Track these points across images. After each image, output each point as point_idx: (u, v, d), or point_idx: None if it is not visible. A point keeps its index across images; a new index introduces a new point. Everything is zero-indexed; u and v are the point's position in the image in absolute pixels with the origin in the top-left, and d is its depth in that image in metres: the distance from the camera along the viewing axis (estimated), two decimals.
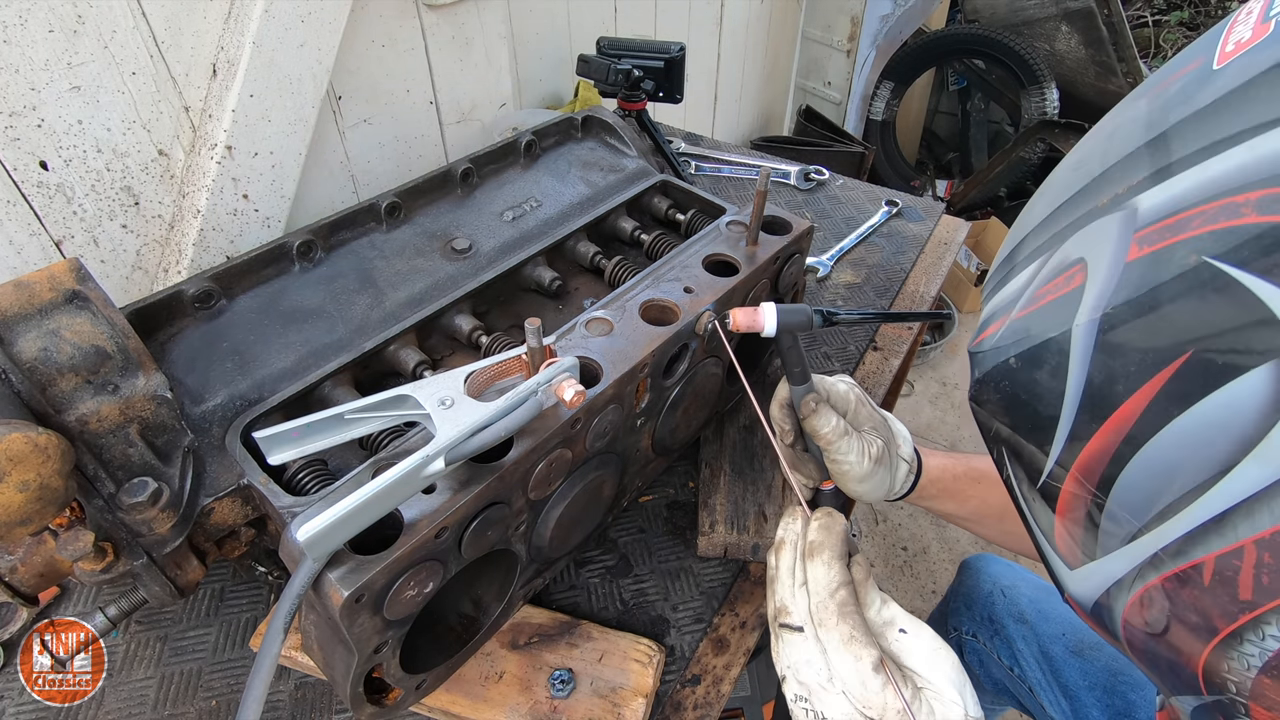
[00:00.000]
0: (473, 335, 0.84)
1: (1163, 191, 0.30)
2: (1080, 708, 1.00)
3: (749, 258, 0.82)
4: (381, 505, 0.52)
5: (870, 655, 0.49)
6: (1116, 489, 0.32)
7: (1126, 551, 0.32)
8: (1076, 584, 0.37)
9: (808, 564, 0.54)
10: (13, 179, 0.87)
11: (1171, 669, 0.33)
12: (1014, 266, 0.40)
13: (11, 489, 0.50)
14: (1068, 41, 3.19)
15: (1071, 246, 0.35)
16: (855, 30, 2.86)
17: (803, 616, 0.52)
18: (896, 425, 0.75)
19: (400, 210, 0.92)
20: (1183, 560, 0.30)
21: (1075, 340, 0.32)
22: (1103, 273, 0.32)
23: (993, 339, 0.39)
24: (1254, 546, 0.27)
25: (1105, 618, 0.36)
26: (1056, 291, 0.35)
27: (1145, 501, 0.31)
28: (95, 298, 0.63)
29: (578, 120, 1.11)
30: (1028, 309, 0.36)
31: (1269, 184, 0.26)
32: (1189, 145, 0.30)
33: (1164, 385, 0.29)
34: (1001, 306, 0.39)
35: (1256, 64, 0.29)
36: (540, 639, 0.76)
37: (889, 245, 1.38)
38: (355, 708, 0.63)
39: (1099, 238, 0.33)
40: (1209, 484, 0.28)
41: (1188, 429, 0.29)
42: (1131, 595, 0.33)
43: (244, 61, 0.99)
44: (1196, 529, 0.29)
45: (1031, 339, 0.35)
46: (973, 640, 1.18)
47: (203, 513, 0.65)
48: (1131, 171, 0.33)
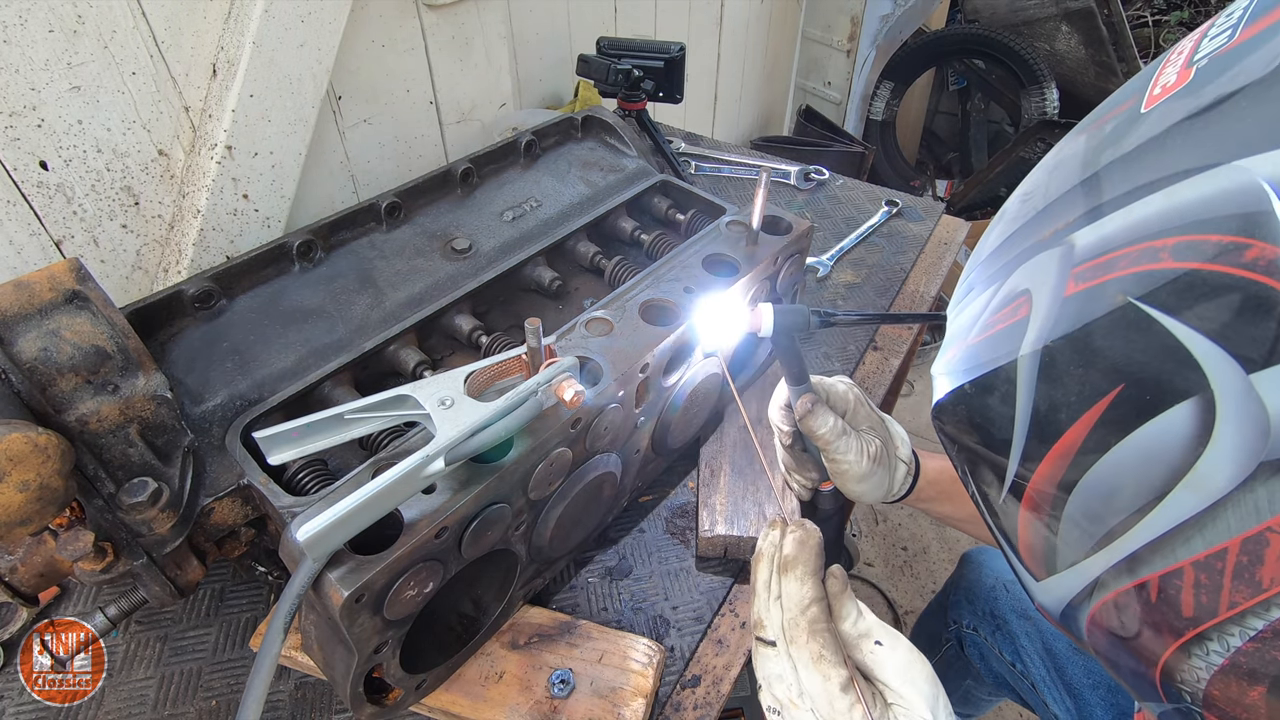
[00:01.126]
0: (473, 335, 0.84)
1: (1095, 231, 0.32)
2: (1084, 705, 1.00)
3: (749, 258, 0.82)
4: (381, 505, 0.52)
5: (839, 675, 0.50)
6: (1068, 509, 0.33)
7: (1081, 568, 0.34)
8: (1043, 594, 0.38)
9: (782, 578, 0.54)
10: (13, 179, 0.87)
11: (1134, 676, 0.35)
12: (970, 291, 0.42)
13: (11, 489, 0.50)
14: (1068, 41, 3.19)
15: (1018, 278, 0.37)
16: (855, 30, 2.86)
17: (775, 631, 0.53)
18: (895, 427, 0.75)
19: (400, 210, 0.92)
20: (1130, 578, 0.32)
21: (1021, 370, 0.34)
22: (1044, 306, 0.34)
23: (950, 363, 0.41)
24: (1191, 568, 0.29)
25: (1072, 627, 0.37)
26: (1005, 321, 0.36)
27: (1094, 522, 0.32)
28: (95, 298, 0.63)
29: (578, 120, 1.11)
30: (980, 336, 0.38)
31: (1183, 231, 0.28)
32: (1117, 187, 0.32)
33: (1101, 415, 0.31)
34: (959, 331, 0.41)
35: (1176, 112, 0.31)
36: (540, 639, 0.76)
37: (889, 245, 1.38)
38: (355, 708, 0.63)
39: (1041, 271, 0.35)
40: (1148, 508, 0.30)
41: (1125, 457, 0.30)
42: (1091, 608, 0.35)
43: (244, 61, 0.99)
44: (1141, 549, 0.31)
45: (983, 366, 0.37)
46: (973, 634, 1.18)
47: (203, 513, 0.65)
48: (1069, 209, 0.35)
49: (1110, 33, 3.06)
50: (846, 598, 0.54)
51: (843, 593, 0.54)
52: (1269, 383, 0.26)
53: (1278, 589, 0.27)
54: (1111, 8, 3.04)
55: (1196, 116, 0.30)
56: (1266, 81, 0.27)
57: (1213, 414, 0.27)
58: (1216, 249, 0.27)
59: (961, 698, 1.31)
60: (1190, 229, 0.28)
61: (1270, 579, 0.27)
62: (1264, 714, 0.30)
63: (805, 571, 0.54)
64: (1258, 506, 0.27)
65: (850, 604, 0.54)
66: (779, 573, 0.55)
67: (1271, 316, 0.25)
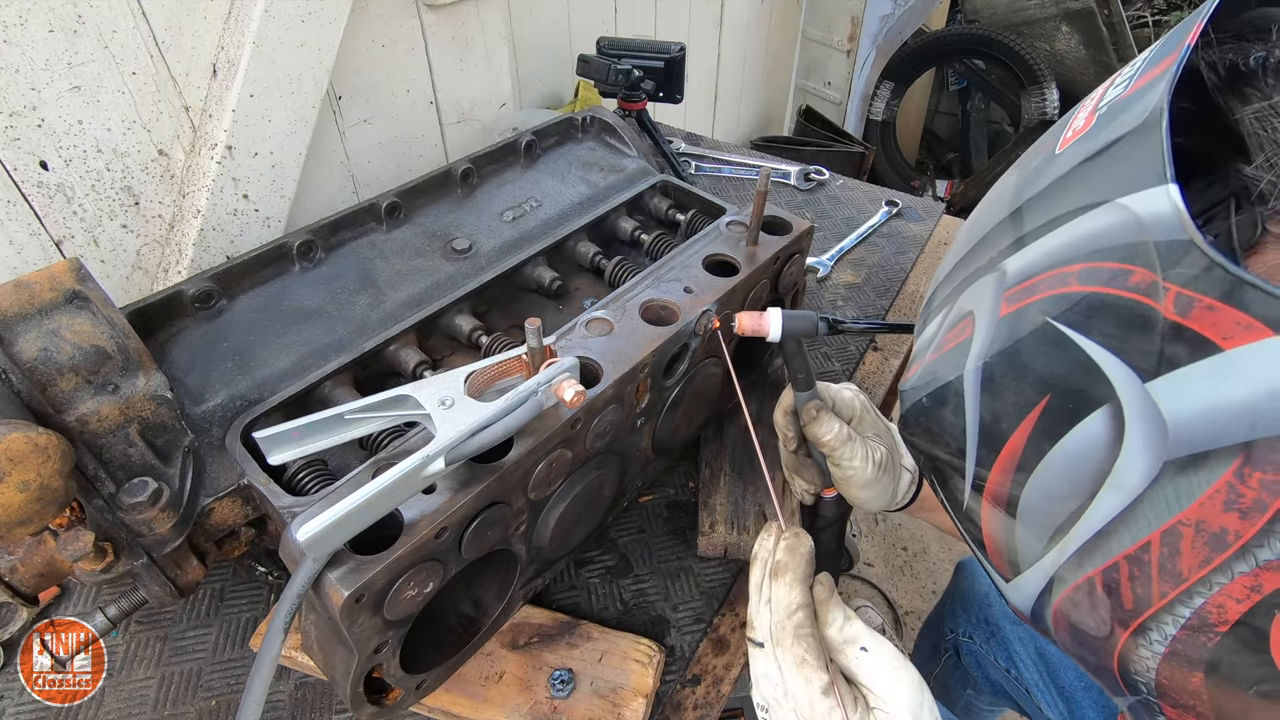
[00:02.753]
0: (473, 335, 0.84)
1: (1021, 258, 0.36)
2: (1077, 708, 1.00)
3: (749, 258, 0.82)
4: (381, 505, 0.52)
5: (820, 679, 0.51)
6: (1020, 508, 0.36)
7: (1040, 566, 0.36)
8: (1014, 594, 0.40)
9: (773, 583, 0.56)
10: (13, 179, 0.87)
11: (1098, 670, 0.37)
12: (930, 313, 0.45)
13: (11, 489, 0.50)
14: (1068, 41, 3.20)
15: (964, 300, 0.40)
16: (855, 30, 2.86)
17: (764, 633, 0.55)
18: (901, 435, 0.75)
19: (400, 210, 0.92)
20: (1080, 573, 0.34)
21: (967, 384, 0.38)
22: (984, 326, 0.37)
23: (912, 379, 0.44)
24: (1125, 562, 0.32)
25: (1042, 625, 0.39)
26: (953, 340, 0.40)
27: (1044, 519, 0.35)
28: (95, 298, 0.63)
29: (578, 120, 1.11)
30: (935, 354, 0.42)
31: (1085, 259, 0.32)
32: (1036, 219, 0.36)
33: (1035, 423, 0.34)
34: (920, 349, 0.45)
35: (1079, 154, 0.35)
36: (540, 639, 0.76)
37: (889, 245, 1.38)
38: (355, 708, 0.63)
39: (981, 294, 0.38)
40: (1083, 508, 0.33)
41: (1059, 460, 0.33)
42: (1053, 603, 0.37)
43: (244, 61, 0.99)
44: (1083, 546, 0.33)
45: (937, 381, 0.41)
46: (969, 642, 1.18)
47: (203, 513, 0.65)
48: (1001, 238, 0.38)
49: (1110, 33, 3.07)
50: (833, 604, 0.56)
51: (829, 599, 0.56)
52: (1162, 390, 0.29)
53: (1196, 578, 0.30)
54: (1111, 8, 3.04)
55: (1092, 158, 0.34)
56: (1141, 130, 0.31)
57: (1122, 420, 0.30)
58: (1109, 274, 0.30)
59: (963, 709, 1.31)
60: (1089, 257, 0.32)
61: (1188, 569, 0.30)
62: (1206, 700, 0.32)
63: (794, 578, 0.55)
64: (1168, 502, 0.29)
65: (836, 610, 0.55)
66: (770, 577, 0.56)
67: (1155, 332, 0.28)
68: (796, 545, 0.57)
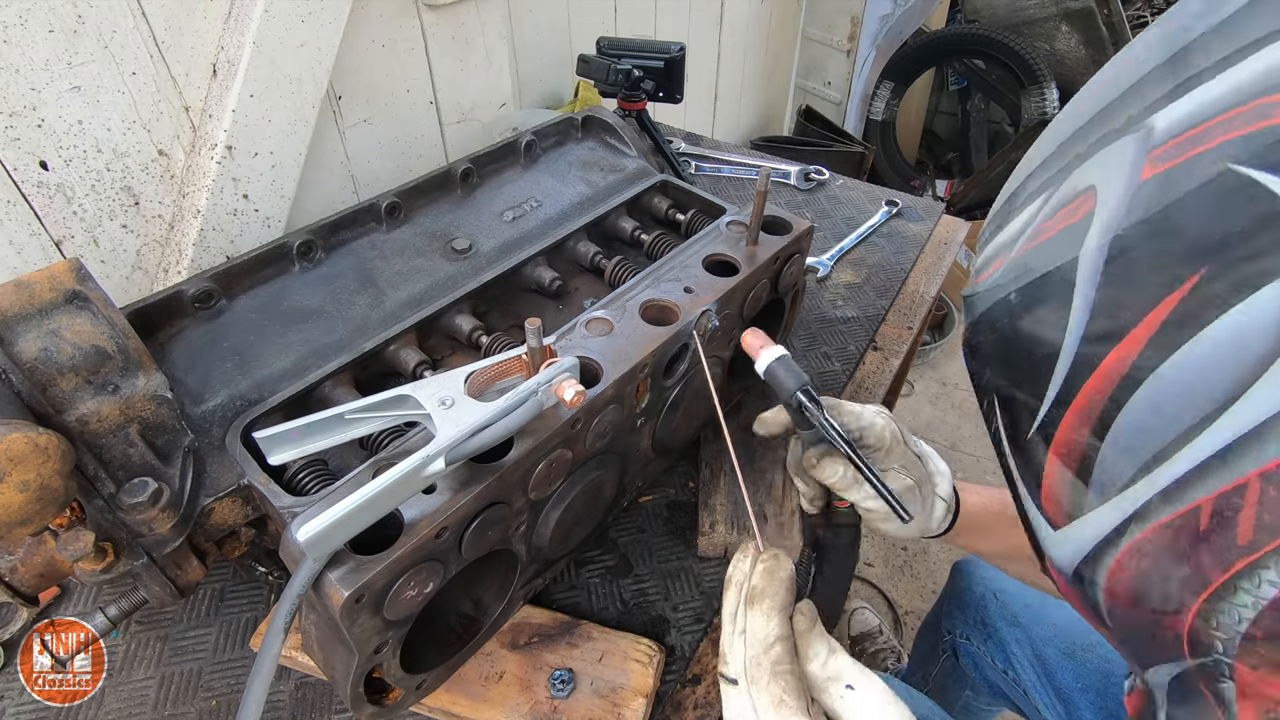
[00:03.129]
0: (473, 335, 0.84)
1: (1181, 106, 0.29)
2: (1074, 710, 1.00)
3: (749, 258, 0.82)
4: (381, 505, 0.52)
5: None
6: (1113, 431, 0.30)
7: (1117, 502, 0.31)
8: (1059, 547, 0.35)
9: (749, 611, 0.51)
10: (13, 179, 0.87)
11: (1153, 635, 0.32)
12: (1014, 209, 0.38)
13: (11, 489, 0.50)
14: (1068, 41, 3.19)
15: (1079, 176, 0.33)
16: (855, 30, 2.86)
17: (738, 669, 0.50)
18: (936, 464, 0.70)
19: (400, 210, 0.92)
20: (1178, 505, 0.29)
21: (1082, 268, 0.31)
22: (1114, 196, 0.31)
23: (990, 279, 0.37)
24: (1259, 480, 0.26)
25: (1086, 585, 0.34)
26: (1062, 223, 0.33)
27: (1143, 442, 0.29)
28: (95, 298, 0.63)
29: (578, 120, 1.11)
30: (1030, 244, 0.35)
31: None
32: (1212, 55, 0.29)
33: (1174, 307, 0.28)
34: (1000, 247, 0.38)
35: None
36: (540, 639, 0.76)
37: (889, 245, 1.38)
38: (355, 708, 0.63)
39: (1110, 162, 0.32)
40: (1215, 414, 0.27)
41: (1196, 355, 0.27)
42: (1117, 553, 0.32)
43: (244, 61, 0.99)
44: (1196, 467, 0.28)
45: (1033, 272, 0.34)
46: (966, 643, 1.18)
47: (203, 513, 0.65)
48: (1147, 93, 0.32)
49: (1110, 33, 3.06)
50: (815, 635, 0.51)
51: (810, 630, 0.51)
52: None
53: None
54: (1111, 8, 3.04)
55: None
56: None
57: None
58: None
59: (962, 709, 1.31)
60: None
61: None
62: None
63: (772, 606, 0.50)
64: None
65: (820, 643, 0.51)
66: (745, 604, 0.51)
67: None
68: (775, 569, 0.52)
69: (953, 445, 2.47)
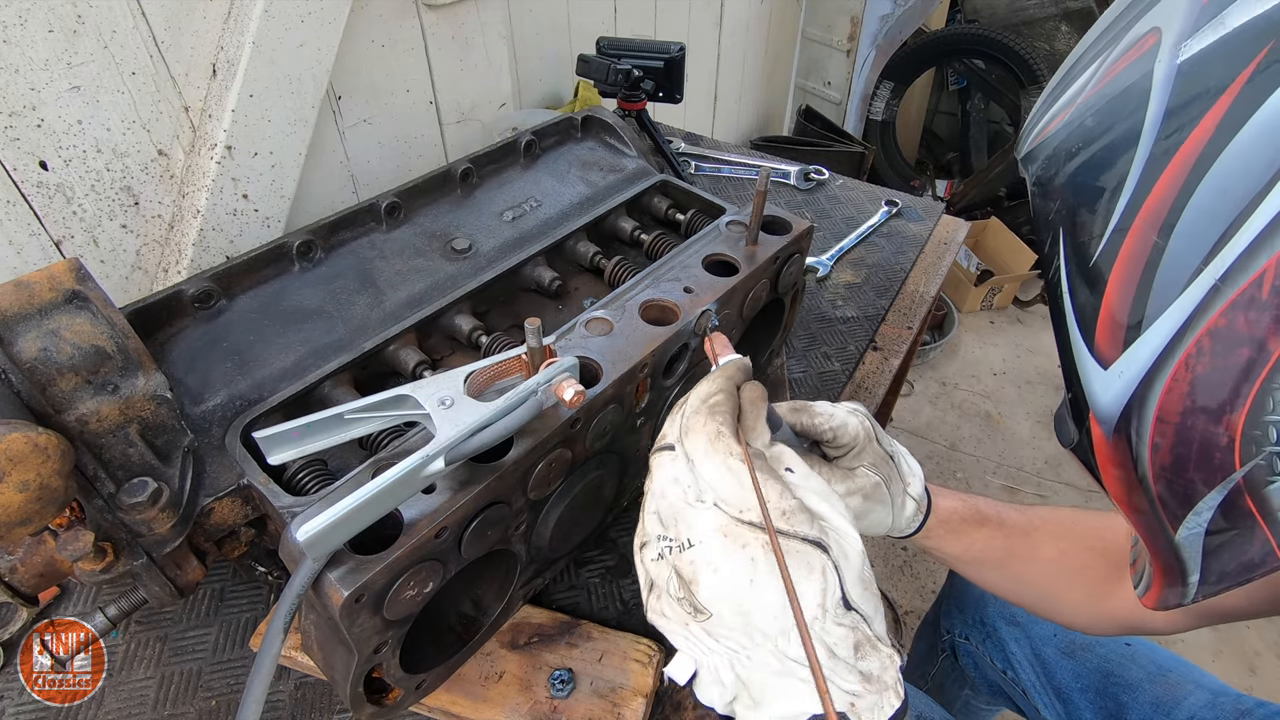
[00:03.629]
0: (473, 335, 0.84)
1: None
2: (1073, 709, 1.00)
3: (749, 258, 0.82)
4: (381, 505, 0.52)
5: (740, 449, 0.44)
6: (1181, 223, 0.32)
7: (1180, 303, 0.32)
8: (1109, 385, 0.36)
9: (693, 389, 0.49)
10: (13, 179, 0.87)
11: (1202, 456, 0.33)
12: (1071, 78, 0.40)
13: (11, 489, 0.50)
14: (1068, 41, 3.19)
15: (1139, 28, 0.35)
16: (855, 30, 2.87)
17: (675, 434, 0.47)
18: (908, 463, 0.70)
19: (400, 210, 0.92)
20: (1242, 279, 0.30)
21: (1156, 76, 0.33)
22: (1178, 22, 0.33)
23: (1061, 123, 0.39)
24: None
25: (1131, 428, 0.36)
26: (1129, 59, 0.35)
27: (1209, 227, 0.31)
28: (95, 298, 0.63)
29: (577, 120, 1.11)
30: (1099, 85, 0.37)
31: None
32: None
33: (1244, 83, 0.29)
34: (1064, 105, 0.39)
35: None
36: (540, 639, 0.76)
37: (889, 245, 1.38)
38: (355, 708, 0.63)
39: (1169, 7, 0.34)
40: (1278, 177, 0.28)
41: (1261, 123, 0.29)
42: (1173, 366, 0.33)
43: (244, 61, 0.99)
44: (1260, 234, 0.29)
45: (1106, 98, 0.36)
46: (965, 643, 1.18)
47: (203, 513, 0.65)
48: None
49: None
50: (760, 415, 0.48)
51: (758, 401, 0.48)
52: None
53: None
54: None
55: None
56: None
57: None
58: None
59: (961, 708, 1.31)
60: None
61: None
62: None
63: (719, 374, 0.48)
64: None
65: (764, 425, 0.48)
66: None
67: None
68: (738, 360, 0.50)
69: (953, 445, 2.47)
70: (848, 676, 0.41)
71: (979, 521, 0.74)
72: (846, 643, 0.42)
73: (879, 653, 0.43)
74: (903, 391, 2.61)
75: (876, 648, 0.43)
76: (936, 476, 2.35)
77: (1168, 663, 0.99)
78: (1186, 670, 0.98)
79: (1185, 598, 0.39)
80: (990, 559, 0.76)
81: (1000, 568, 0.76)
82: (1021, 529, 0.75)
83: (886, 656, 0.43)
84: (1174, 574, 0.39)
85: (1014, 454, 2.46)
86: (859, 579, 0.44)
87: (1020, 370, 2.81)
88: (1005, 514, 0.75)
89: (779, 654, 0.42)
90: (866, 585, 0.44)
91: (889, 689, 0.42)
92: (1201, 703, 0.92)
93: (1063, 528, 0.75)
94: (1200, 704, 0.92)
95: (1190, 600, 0.38)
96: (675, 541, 0.45)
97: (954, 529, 0.74)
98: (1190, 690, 0.94)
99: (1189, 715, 0.91)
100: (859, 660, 0.42)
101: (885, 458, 0.67)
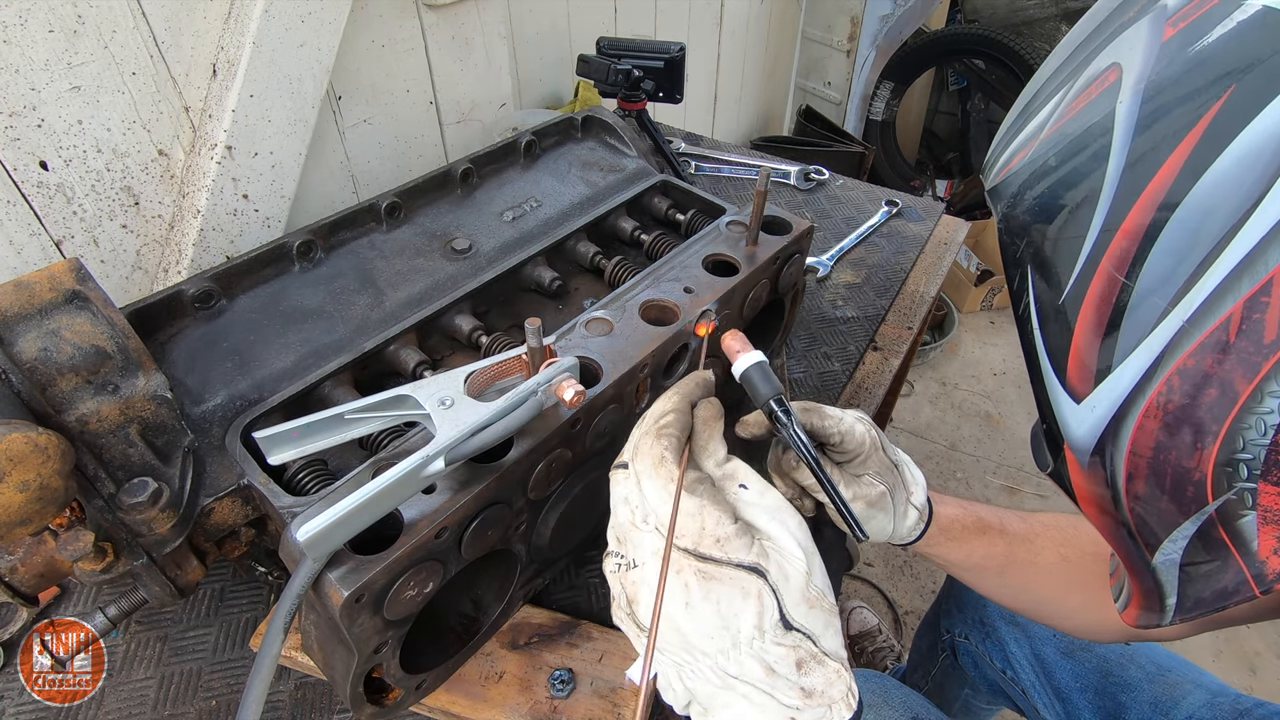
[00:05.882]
0: (473, 335, 0.84)
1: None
2: (1073, 709, 1.00)
3: (749, 258, 0.82)
4: (381, 505, 0.52)
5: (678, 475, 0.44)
6: (1147, 265, 0.32)
7: (1148, 343, 0.32)
8: (1081, 423, 0.36)
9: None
10: (13, 179, 0.87)
11: (1175, 489, 0.33)
12: (1031, 110, 0.40)
13: (11, 489, 0.50)
14: None
15: (1099, 62, 0.35)
16: (855, 30, 2.86)
17: (629, 452, 0.48)
18: (912, 472, 0.70)
19: (400, 210, 0.92)
20: (1210, 321, 0.30)
21: (1119, 116, 0.33)
22: (1139, 59, 0.33)
23: (1024, 160, 0.39)
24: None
25: (1106, 459, 0.36)
26: (1091, 95, 0.35)
27: (1175, 268, 0.31)
28: (95, 298, 0.63)
29: (578, 120, 1.11)
30: (1060, 122, 0.37)
31: None
32: None
33: (1206, 127, 0.29)
34: (1027, 138, 0.39)
35: None
36: (540, 639, 0.76)
37: (889, 245, 1.38)
38: (355, 708, 0.63)
39: (1128, 40, 0.34)
40: (1243, 220, 0.28)
41: (1225, 168, 0.29)
42: (1144, 403, 0.33)
43: (244, 61, 0.99)
44: (1226, 278, 0.29)
45: (1069, 136, 0.36)
46: (965, 642, 1.18)
47: (203, 513, 0.65)
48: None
49: None
50: (716, 432, 0.48)
51: (713, 420, 0.48)
52: None
53: None
54: None
55: None
56: None
57: None
58: None
59: (961, 708, 1.31)
60: None
61: None
62: None
63: (675, 392, 0.48)
64: None
65: (718, 443, 0.48)
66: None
67: None
68: (698, 375, 0.50)
69: (952, 445, 2.47)
70: (788, 692, 0.42)
71: (980, 529, 0.74)
72: (787, 661, 0.42)
73: (825, 668, 0.43)
74: (903, 392, 2.61)
75: (823, 663, 0.43)
76: (936, 476, 2.35)
77: (1167, 662, 0.99)
78: (1185, 670, 0.98)
79: (1163, 619, 0.39)
80: (991, 566, 0.76)
81: (1001, 574, 0.76)
82: (1023, 536, 0.75)
83: (834, 671, 0.43)
84: (1152, 596, 0.39)
85: (1014, 454, 2.46)
86: (802, 598, 0.44)
87: (1020, 370, 2.81)
88: (1007, 521, 0.75)
89: (719, 671, 0.43)
90: (813, 603, 0.44)
91: (836, 702, 0.43)
92: (1200, 702, 0.92)
93: (1065, 534, 0.75)
94: (1199, 704, 0.92)
95: (1169, 622, 0.38)
96: (625, 560, 0.46)
97: (955, 536, 0.73)
98: (1189, 690, 0.94)
99: (1188, 715, 0.91)
100: (802, 676, 0.43)
101: (890, 467, 0.68)
